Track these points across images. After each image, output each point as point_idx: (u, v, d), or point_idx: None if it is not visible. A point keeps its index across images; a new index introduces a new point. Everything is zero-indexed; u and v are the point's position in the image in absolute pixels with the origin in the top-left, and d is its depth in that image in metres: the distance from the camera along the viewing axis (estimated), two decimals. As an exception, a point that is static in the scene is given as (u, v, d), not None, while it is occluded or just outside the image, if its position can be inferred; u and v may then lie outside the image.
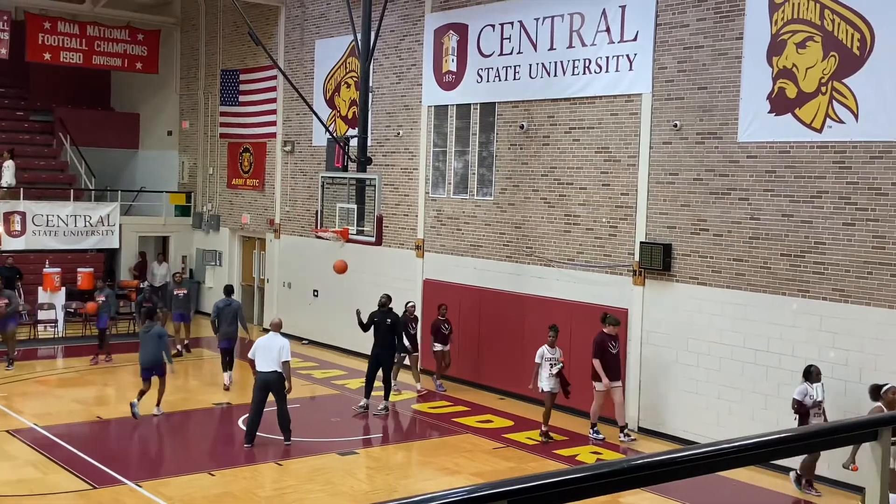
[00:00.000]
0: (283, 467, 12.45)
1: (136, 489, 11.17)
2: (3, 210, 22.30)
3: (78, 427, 14.13)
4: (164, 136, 26.88)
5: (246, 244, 24.50)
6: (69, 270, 22.51)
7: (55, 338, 21.07)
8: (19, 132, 26.66)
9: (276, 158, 22.73)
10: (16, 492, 10.95)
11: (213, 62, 24.77)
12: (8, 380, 16.83)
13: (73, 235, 23.26)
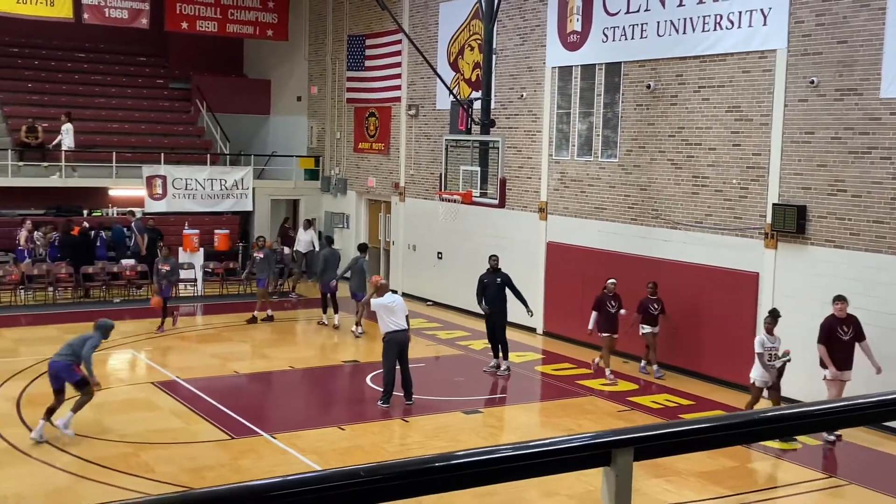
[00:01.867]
0: (410, 424, 12.78)
1: (271, 440, 11.70)
2: (146, 174, 23.43)
3: (217, 381, 14.84)
4: (294, 102, 27.57)
5: (372, 207, 24.98)
6: (207, 232, 23.51)
7: (195, 296, 22.09)
8: (159, 99, 27.87)
9: (401, 122, 23.02)
10: (162, 440, 11.63)
11: (340, 28, 25.20)
12: (153, 336, 17.78)
13: (210, 198, 24.24)
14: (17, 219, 22.43)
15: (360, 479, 1.78)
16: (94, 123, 25.69)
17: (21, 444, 11.18)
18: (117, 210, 24.04)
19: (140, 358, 16.24)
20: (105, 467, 10.42)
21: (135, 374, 15.68)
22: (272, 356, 16.69)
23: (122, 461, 10.65)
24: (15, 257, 21.58)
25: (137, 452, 11.01)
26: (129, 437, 11.56)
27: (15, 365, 14.94)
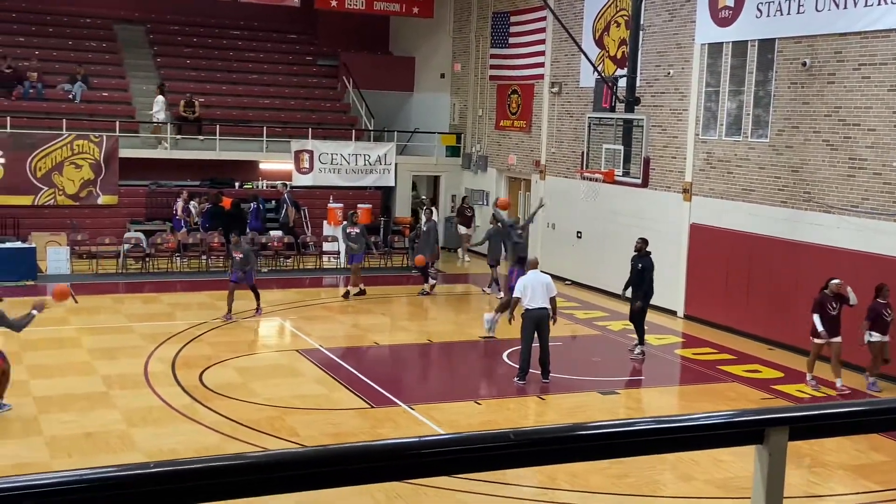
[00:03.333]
0: (546, 402, 12.79)
1: (409, 411, 11.94)
2: (294, 148, 24.18)
3: (357, 351, 15.26)
4: (437, 79, 27.81)
5: (512, 184, 24.99)
6: (350, 206, 24.06)
7: (337, 268, 22.70)
8: (308, 76, 28.65)
9: (543, 100, 22.89)
10: (304, 405, 12.05)
11: (485, 5, 25.20)
12: (296, 304, 18.40)
13: (354, 173, 24.81)
14: (174, 189, 23.57)
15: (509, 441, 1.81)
16: (247, 99, 26.67)
17: (175, 402, 11.82)
18: (266, 183, 24.91)
19: (286, 326, 16.85)
20: (252, 429, 10.90)
21: (281, 341, 16.29)
22: (411, 329, 17.01)
23: (269, 424, 11.11)
24: (172, 226, 22.71)
25: (283, 416, 11.46)
26: (275, 401, 12.03)
27: (170, 328, 15.76)
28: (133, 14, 27.41)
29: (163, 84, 24.60)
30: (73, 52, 25.84)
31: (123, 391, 12.22)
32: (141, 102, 25.16)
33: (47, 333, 14.82)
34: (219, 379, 12.93)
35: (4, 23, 25.80)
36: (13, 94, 23.64)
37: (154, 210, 23.57)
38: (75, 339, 15.06)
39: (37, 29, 26.14)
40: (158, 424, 11.03)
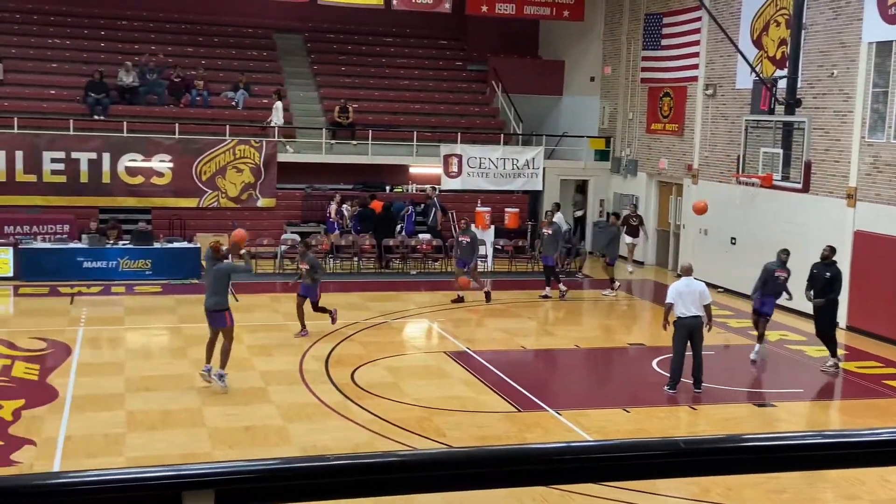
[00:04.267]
0: (698, 412, 12.47)
1: (556, 416, 11.88)
2: (443, 152, 24.50)
3: (504, 354, 15.29)
4: (587, 82, 27.57)
5: (662, 189, 24.49)
6: (498, 210, 24.20)
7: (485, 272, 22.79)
8: (457, 81, 28.96)
9: (697, 102, 22.32)
10: (450, 406, 12.18)
11: (637, 7, 24.82)
12: (444, 307, 18.62)
13: (502, 177, 24.91)
14: (328, 193, 24.30)
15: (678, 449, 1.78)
16: (399, 104, 27.21)
17: (328, 399, 12.17)
18: (416, 186, 25.33)
19: (434, 328, 17.07)
20: (402, 428, 11.10)
21: (429, 343, 16.52)
22: (558, 334, 16.92)
23: (417, 424, 11.28)
24: (326, 228, 23.41)
25: (430, 417, 11.62)
26: (423, 402, 12.21)
27: (324, 327, 16.23)
28: (292, 24, 28.42)
29: (279, 90, 25.39)
30: (235, 61, 27.04)
31: (280, 387, 12.68)
32: (298, 109, 26.07)
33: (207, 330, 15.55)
34: (370, 378, 13.23)
35: (175, 34, 27.27)
36: (181, 101, 24.94)
37: (309, 212, 24.36)
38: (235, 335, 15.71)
39: (203, 40, 27.49)
40: (312, 420, 11.39)
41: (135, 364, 13.68)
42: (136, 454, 9.91)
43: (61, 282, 19.15)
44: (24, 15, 26.43)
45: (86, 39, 26.53)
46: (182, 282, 19.77)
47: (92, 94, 23.71)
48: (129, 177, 22.71)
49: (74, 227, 21.45)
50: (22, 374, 12.79)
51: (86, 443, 10.22)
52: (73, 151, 22.32)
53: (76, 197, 22.32)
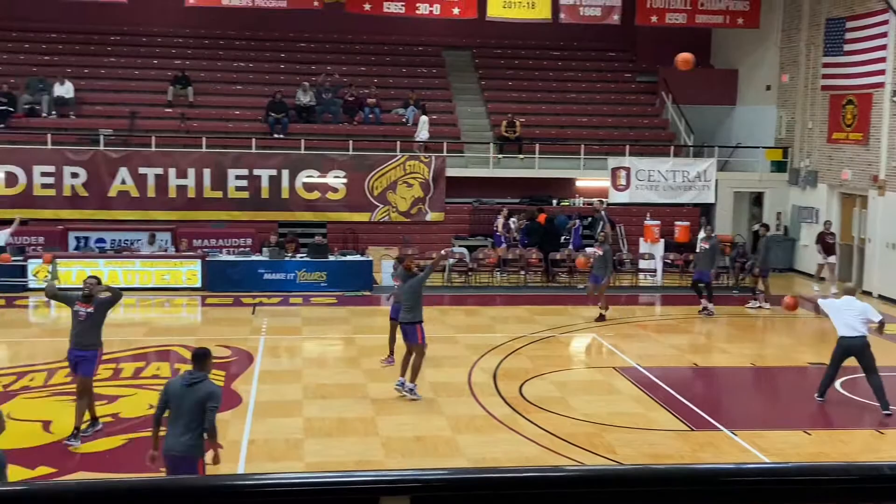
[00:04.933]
0: (885, 436, 11.76)
1: (732, 437, 11.49)
2: (611, 165, 24.24)
3: (675, 371, 14.93)
4: (762, 91, 26.63)
5: (845, 201, 23.30)
6: (667, 223, 23.70)
7: (654, 286, 22.40)
8: (626, 93, 28.62)
9: (884, 110, 21.14)
10: (622, 423, 12.00)
11: (818, 11, 23.79)
12: (612, 321, 18.38)
13: (672, 190, 24.38)
14: (495, 206, 24.50)
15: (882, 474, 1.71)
16: (566, 118, 27.15)
17: (497, 412, 12.25)
18: (583, 200, 25.16)
19: (602, 343, 16.88)
20: (570, 443, 11.03)
21: (597, 357, 16.35)
22: (732, 351, 16.37)
23: (587, 440, 11.18)
24: (493, 242, 23.62)
25: (600, 433, 11.48)
26: (592, 418, 12.09)
27: (491, 340, 16.36)
28: (460, 40, 28.90)
29: (424, 105, 25.72)
30: (406, 78, 27.74)
31: (449, 399, 12.86)
32: (466, 124, 26.45)
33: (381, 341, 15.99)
34: (538, 392, 13.22)
35: (349, 54, 28.27)
36: (355, 119, 25.81)
37: (476, 226, 24.65)
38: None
39: (376, 59, 28.37)
40: (482, 433, 11.49)
41: (311, 372, 14.22)
42: (315, 459, 10.30)
43: (244, 292, 20.16)
44: (211, 41, 28.09)
45: (267, 62, 27.89)
46: (355, 293, 20.42)
47: (272, 114, 24.90)
48: (306, 192, 23.68)
49: (256, 241, 22.56)
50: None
51: (268, 447, 10.71)
52: (255, 169, 23.49)
53: (257, 212, 23.47)
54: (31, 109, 24.49)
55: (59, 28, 27.32)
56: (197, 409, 7.61)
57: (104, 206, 22.92)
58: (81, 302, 10.93)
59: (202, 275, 20.56)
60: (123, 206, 22.97)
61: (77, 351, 10.92)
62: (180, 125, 24.61)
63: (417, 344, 12.81)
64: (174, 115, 25.11)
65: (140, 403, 12.16)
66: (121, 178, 22.93)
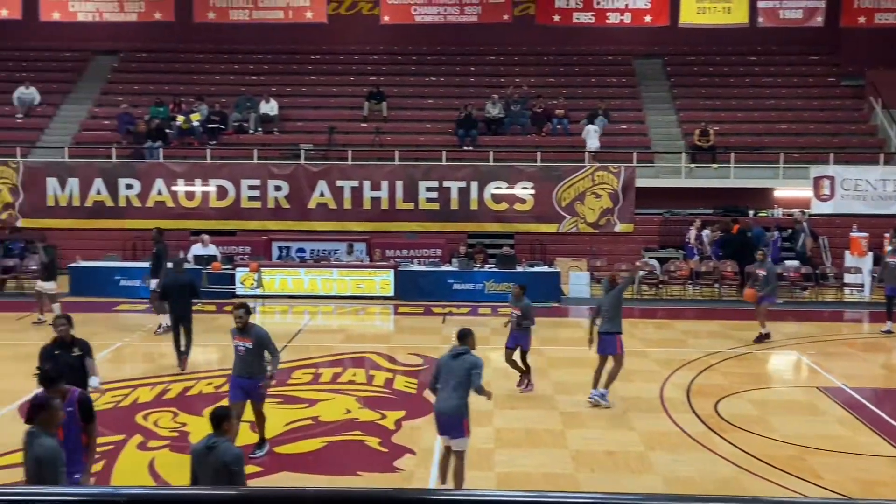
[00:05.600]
0: None
1: (952, 466, 10.62)
2: (813, 174, 23.07)
3: (887, 392, 13.98)
4: None
5: None
6: (876, 235, 22.28)
7: (861, 302, 21.10)
8: (829, 98, 27.20)
9: None
10: (825, 446, 11.34)
11: None
12: (814, 338, 17.45)
13: (882, 199, 22.94)
14: (687, 218, 23.84)
15: None
16: (763, 125, 26.10)
17: (691, 430, 11.88)
18: (782, 211, 24.07)
19: (803, 360, 16.05)
20: (771, 465, 10.52)
21: (798, 376, 15.56)
22: (951, 374, 15.16)
23: (788, 462, 10.64)
24: (685, 254, 22.98)
25: (803, 456, 10.90)
26: (794, 439, 11.50)
27: (683, 355, 15.90)
28: (651, 48, 28.39)
29: (590, 114, 25.19)
30: (595, 88, 27.52)
31: (640, 414, 12.59)
32: (657, 134, 25.92)
33: (569, 353, 15.90)
34: (734, 410, 12.72)
35: (537, 66, 28.38)
36: (543, 130, 25.84)
37: (667, 238, 24.07)
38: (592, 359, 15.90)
39: (564, 69, 28.31)
40: (675, 451, 11.17)
41: (499, 383, 14.27)
42: (504, 470, 10.34)
43: (434, 302, 20.56)
44: (404, 56, 28.93)
45: (457, 76, 28.42)
46: (543, 305, 20.37)
47: (462, 128, 25.33)
48: (495, 203, 23.90)
49: (446, 251, 22.99)
50: (402, 387, 13.89)
51: (458, 455, 10.84)
52: (445, 180, 23.95)
53: (447, 223, 23.92)
54: (239, 126, 26.06)
55: (265, 49, 28.96)
56: (464, 377, 9.17)
57: (304, 218, 24.03)
58: (239, 336, 10.46)
59: (395, 284, 21.14)
60: (322, 218, 24.00)
61: (243, 379, 10.43)
62: (375, 139, 25.47)
63: (616, 354, 12.83)
64: (369, 129, 26.01)
65: (338, 408, 12.62)
66: (320, 190, 23.99)
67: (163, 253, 17.66)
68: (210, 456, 6.80)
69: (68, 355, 9.01)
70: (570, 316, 20.20)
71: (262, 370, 10.50)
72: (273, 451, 10.83)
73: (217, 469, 6.72)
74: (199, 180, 24.02)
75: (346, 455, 10.86)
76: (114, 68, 29.24)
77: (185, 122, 25.48)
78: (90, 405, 7.54)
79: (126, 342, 16.79)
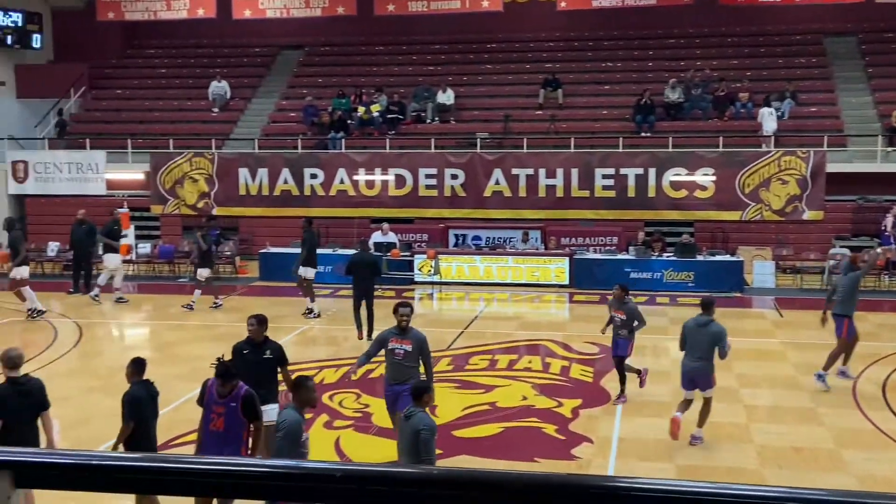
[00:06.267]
0: None
1: None
2: None
3: None
4: None
5: None
6: None
7: None
8: None
9: None
10: None
11: None
12: None
13: None
14: (883, 205, 22.45)
15: None
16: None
17: (887, 427, 11.21)
18: None
19: None
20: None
21: None
22: None
23: None
24: (880, 242, 21.65)
25: None
26: None
27: (878, 349, 15.01)
28: (844, 26, 26.87)
29: (767, 97, 23.82)
30: (782, 69, 26.31)
31: (830, 409, 11.99)
32: (850, 116, 24.53)
33: (753, 344, 15.34)
34: (936, 409, 11.91)
35: (720, 48, 27.42)
36: (725, 114, 24.96)
37: (860, 226, 22.79)
38: (780, 352, 15.28)
39: (749, 51, 27.22)
40: (869, 449, 10.57)
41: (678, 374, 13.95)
42: (685, 463, 10.10)
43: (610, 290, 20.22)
44: (581, 42, 28.64)
45: (635, 60, 27.88)
46: (725, 295, 19.72)
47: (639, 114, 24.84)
48: (673, 190, 23.31)
49: (622, 240, 22.64)
50: (578, 375, 13.81)
51: (638, 446, 10.69)
52: (622, 168, 23.56)
53: (624, 211, 23.53)
54: (417, 116, 26.60)
55: (442, 40, 29.40)
56: (710, 343, 10.56)
57: (480, 206, 24.26)
58: (398, 338, 9.52)
59: (569, 272, 21.01)
60: (497, 206, 24.15)
61: (400, 386, 9.33)
62: (550, 127, 25.38)
63: (840, 336, 13.07)
64: (544, 116, 25.94)
65: (514, 394, 12.69)
66: (495, 178, 24.14)
67: (312, 241, 18.31)
68: (407, 423, 7.49)
69: (258, 355, 8.97)
70: (753, 306, 19.45)
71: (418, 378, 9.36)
72: (451, 435, 11.03)
73: (411, 436, 7.39)
74: (379, 169, 24.68)
75: (523, 441, 10.92)
76: (299, 62, 30.47)
77: (365, 113, 26.24)
78: (254, 405, 7.72)
79: (311, 325, 17.51)
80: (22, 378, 8.00)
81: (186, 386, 11.98)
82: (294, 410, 7.11)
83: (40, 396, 8.02)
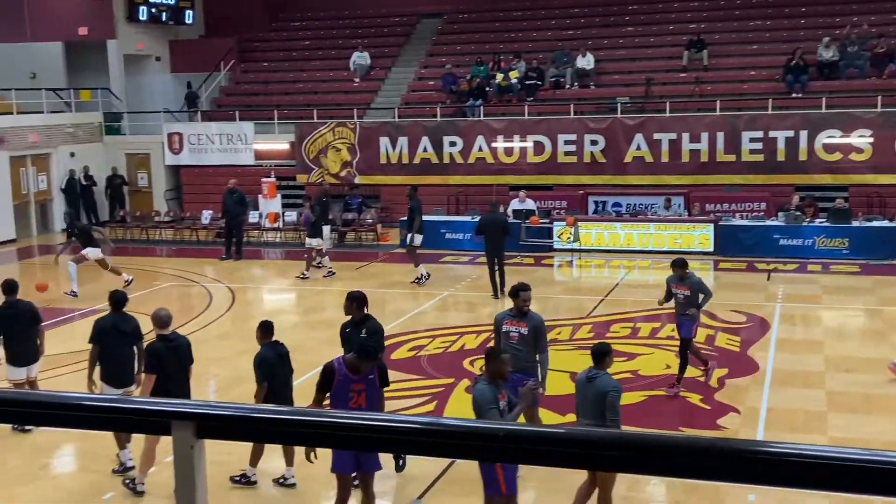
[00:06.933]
0: None
1: None
2: None
3: None
4: None
5: None
6: None
7: None
8: None
9: None
10: None
11: None
12: None
13: None
14: None
15: None
16: None
17: None
18: None
19: None
20: None
21: None
22: None
23: None
24: None
25: None
26: None
27: None
28: None
29: None
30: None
31: None
32: None
33: None
34: None
35: (879, 2, 25.87)
36: (884, 73, 23.59)
37: None
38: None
39: (914, 4, 25.58)
40: None
41: (832, 344, 13.42)
42: (838, 434, 9.73)
43: (757, 258, 19.64)
44: (727, 1, 27.59)
45: (786, 18, 26.68)
46: (882, 262, 18.78)
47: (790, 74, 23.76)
48: (827, 154, 22.26)
49: (771, 205, 21.81)
50: (724, 344, 13.46)
51: (788, 416, 10.36)
52: (771, 130, 22.64)
53: (772, 175, 22.65)
54: (556, 82, 26.29)
55: (581, 3, 28.92)
56: None
57: (620, 172, 23.83)
58: (513, 320, 8.94)
59: (714, 239, 20.43)
60: (638, 171, 23.67)
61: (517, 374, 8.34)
62: (694, 89, 24.61)
63: None
64: (688, 79, 25.17)
65: (657, 362, 12.50)
66: (636, 143, 23.63)
67: (417, 209, 18.36)
68: (590, 386, 7.61)
69: (356, 333, 8.96)
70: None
71: (534, 366, 8.90)
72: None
73: (596, 397, 7.52)
74: (517, 136, 24.56)
75: (668, 410, 10.77)
76: (438, 30, 30.58)
77: (503, 80, 26.13)
78: (387, 373, 7.90)
79: (451, 291, 17.69)
80: (171, 335, 8.67)
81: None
82: (484, 383, 7.23)
83: (187, 352, 8.84)
